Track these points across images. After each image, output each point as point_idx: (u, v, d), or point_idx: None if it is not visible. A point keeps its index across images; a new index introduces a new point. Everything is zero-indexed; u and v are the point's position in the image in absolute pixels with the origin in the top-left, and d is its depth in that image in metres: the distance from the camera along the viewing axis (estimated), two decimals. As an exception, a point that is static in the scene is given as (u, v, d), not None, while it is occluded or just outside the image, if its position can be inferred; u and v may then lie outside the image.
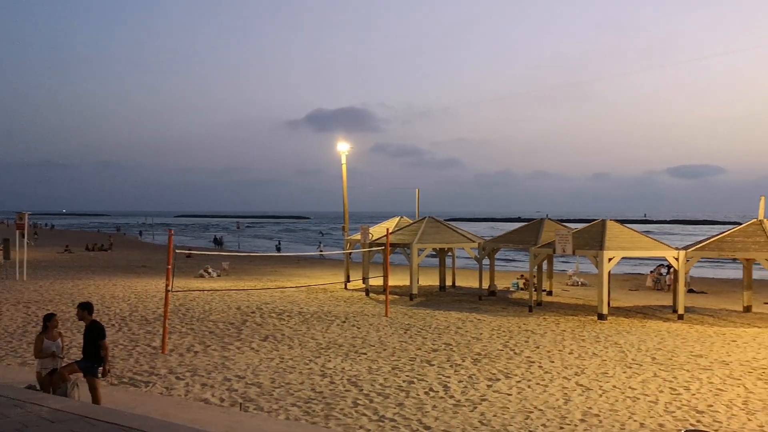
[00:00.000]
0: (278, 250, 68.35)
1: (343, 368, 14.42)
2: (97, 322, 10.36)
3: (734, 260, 32.52)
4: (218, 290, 28.67)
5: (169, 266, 16.36)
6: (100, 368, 10.08)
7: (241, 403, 11.47)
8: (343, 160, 34.76)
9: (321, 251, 59.39)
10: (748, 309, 25.07)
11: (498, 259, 37.07)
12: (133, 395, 11.75)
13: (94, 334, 10.11)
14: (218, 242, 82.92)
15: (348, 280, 32.03)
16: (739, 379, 13.78)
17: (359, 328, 19.67)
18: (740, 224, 24.46)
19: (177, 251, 18.50)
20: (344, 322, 20.86)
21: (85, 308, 10.29)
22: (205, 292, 28.04)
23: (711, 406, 11.78)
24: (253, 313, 22.37)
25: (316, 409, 11.29)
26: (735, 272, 41.99)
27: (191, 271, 38.62)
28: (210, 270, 37.21)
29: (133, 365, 14.38)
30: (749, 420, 10.94)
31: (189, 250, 52.27)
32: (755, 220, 23.47)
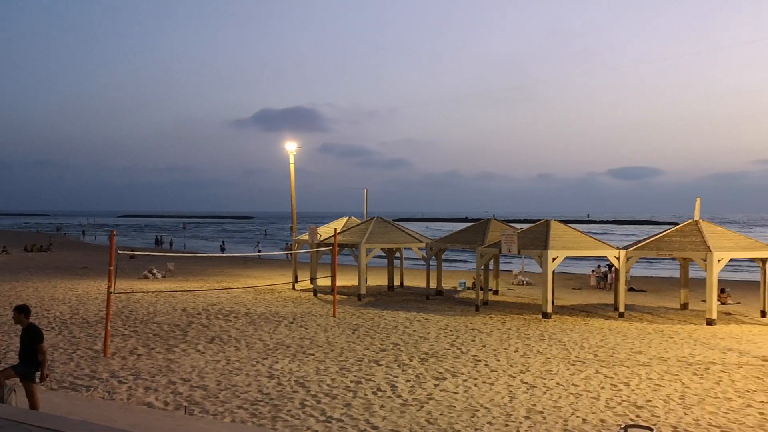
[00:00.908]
0: (222, 250, 67.33)
1: (291, 369, 14.34)
2: (34, 325, 10.06)
3: (672, 259, 33.53)
4: (163, 291, 28.14)
5: (112, 267, 15.98)
6: (38, 373, 9.79)
7: (186, 407, 11.29)
8: (291, 160, 34.55)
9: (259, 251, 58.98)
10: (684, 306, 25.92)
11: (445, 259, 37.39)
12: (73, 400, 11.44)
13: (31, 338, 9.81)
14: (159, 242, 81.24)
15: (296, 281, 31.85)
16: (677, 375, 14.24)
17: (307, 329, 19.59)
18: (677, 224, 25.27)
19: (120, 252, 18.08)
20: (292, 322, 20.75)
21: (22, 311, 9.98)
22: (149, 293, 27.49)
23: (650, 401, 12.14)
24: (198, 314, 22.04)
25: (263, 411, 11.20)
26: (673, 271, 43.34)
27: (135, 272, 37.78)
28: (154, 271, 36.50)
29: (74, 369, 14.00)
30: (686, 414, 11.31)
31: (132, 250, 51.15)
32: (691, 220, 24.28)
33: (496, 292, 30.06)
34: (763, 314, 23.98)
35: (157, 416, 10.58)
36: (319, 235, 30.38)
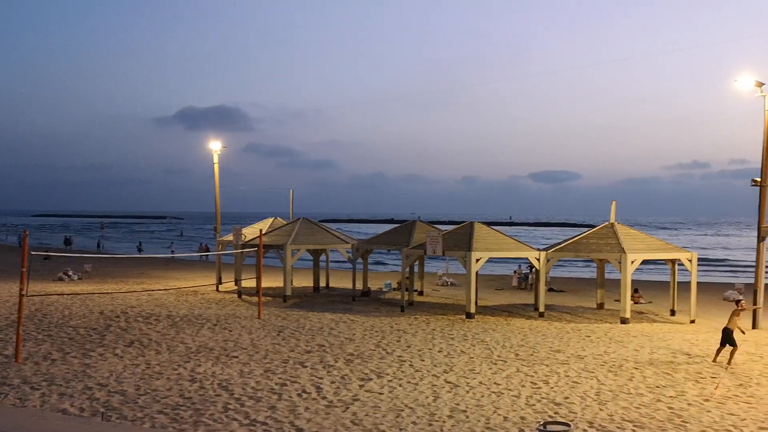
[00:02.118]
0: (139, 251, 65.20)
1: (214, 372, 14.10)
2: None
3: (589, 260, 34.75)
4: (79, 294, 27.13)
5: (24, 269, 15.30)
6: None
7: (103, 413, 10.94)
8: (215, 159, 33.96)
9: (172, 252, 57.79)
10: (601, 306, 26.90)
11: (371, 261, 37.56)
12: (-19, 408, 10.90)
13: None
14: (68, 242, 77.98)
15: (220, 282, 31.33)
16: (593, 372, 14.77)
17: (231, 331, 19.30)
18: (594, 227, 26.21)
19: (33, 253, 17.36)
20: (215, 324, 20.40)
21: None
22: (65, 296, 26.44)
23: (567, 398, 12.55)
24: (117, 317, 21.37)
25: (184, 415, 10.97)
26: (590, 272, 44.89)
27: (50, 274, 36.27)
28: (70, 272, 35.14)
29: (-18, 376, 13.33)
30: (601, 410, 11.75)
31: (47, 251, 49.08)
32: (607, 223, 25.23)
33: (421, 293, 30.40)
34: (672, 313, 25.16)
35: (72, 423, 10.21)
36: (244, 236, 29.98)
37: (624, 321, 22.62)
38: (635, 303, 27.68)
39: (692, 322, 23.29)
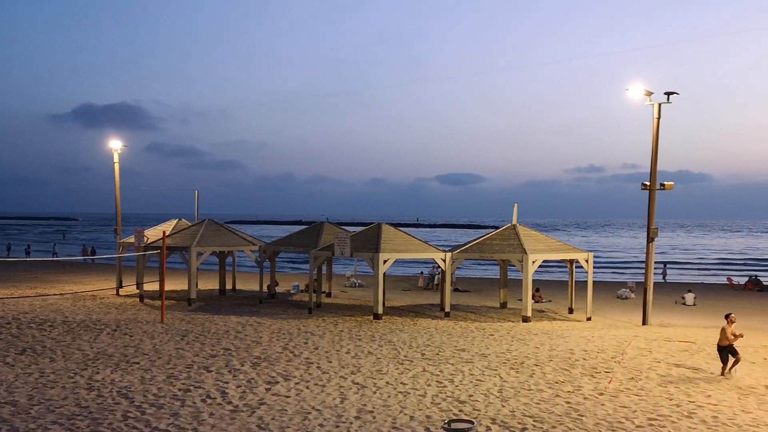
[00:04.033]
0: (27, 254, 61.68)
1: (113, 380, 13.58)
2: None
3: (493, 261, 35.70)
4: (-35, 300, 25.49)
5: None
6: None
7: (-9, 426, 10.34)
8: (116, 159, 32.75)
9: (55, 254, 55.38)
10: (504, 305, 27.72)
11: (279, 262, 37.21)
12: None
13: None
14: None
15: (120, 286, 30.22)
16: (496, 370, 15.21)
17: (132, 336, 18.65)
18: (497, 228, 26.99)
19: None
20: (115, 330, 19.64)
21: None
22: (-52, 302, 24.78)
23: (472, 395, 12.87)
24: (8, 324, 20.22)
25: (80, 425, 10.52)
26: (494, 272, 46.15)
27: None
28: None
29: None
30: (503, 406, 12.12)
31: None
32: (509, 225, 26.04)
33: (329, 295, 30.37)
34: (570, 311, 26.25)
35: (-44, 438, 9.59)
36: (146, 238, 29.05)
37: (525, 319, 23.40)
38: (536, 302, 28.68)
39: (589, 319, 24.38)
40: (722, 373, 15.06)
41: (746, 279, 41.84)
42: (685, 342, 19.46)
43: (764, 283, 40.11)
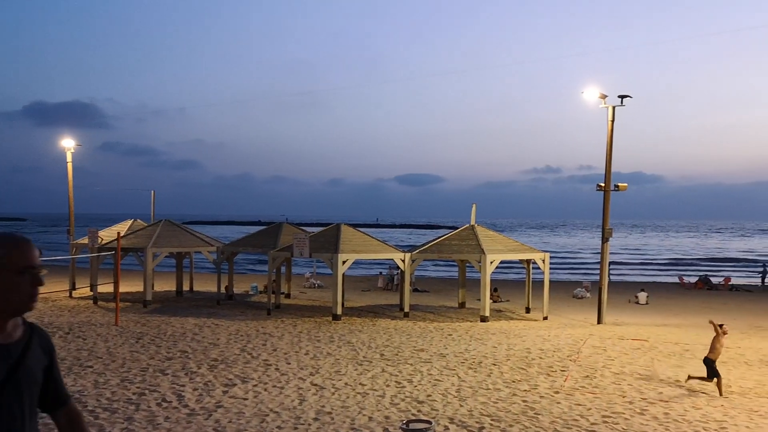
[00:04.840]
0: None
1: (66, 384, 13.26)
2: None
3: (452, 261, 35.95)
4: None
5: None
6: None
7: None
8: (69, 158, 32.05)
9: None
10: (462, 305, 27.95)
11: (237, 263, 36.87)
12: None
13: None
14: None
15: (73, 288, 29.57)
16: (454, 369, 15.32)
17: (85, 339, 18.26)
18: (456, 229, 27.21)
19: None
20: (68, 333, 19.21)
21: None
22: None
23: (430, 395, 12.93)
24: (-46, 328, 19.60)
25: (31, 431, 10.24)
26: (453, 272, 46.48)
27: None
28: None
29: None
30: (461, 406, 12.21)
31: None
32: (468, 225, 26.28)
33: (288, 296, 30.21)
34: (527, 310, 26.60)
35: None
36: (100, 239, 28.49)
37: (484, 319, 23.63)
38: (494, 302, 28.99)
39: (545, 318, 24.74)
40: (719, 389, 13.40)
41: (697, 278, 42.99)
42: (638, 340, 19.90)
43: (714, 282, 41.27)
